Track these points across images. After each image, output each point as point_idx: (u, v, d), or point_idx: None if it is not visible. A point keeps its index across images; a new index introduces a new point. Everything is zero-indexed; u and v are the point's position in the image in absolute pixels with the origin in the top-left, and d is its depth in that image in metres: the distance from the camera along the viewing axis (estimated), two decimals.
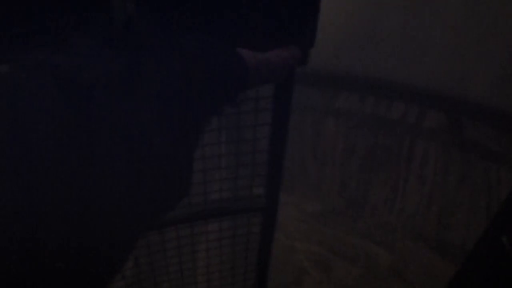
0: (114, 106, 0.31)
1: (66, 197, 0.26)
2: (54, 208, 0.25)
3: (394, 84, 2.47)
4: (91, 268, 0.28)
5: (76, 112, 0.27)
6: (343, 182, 2.19)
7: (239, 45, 0.57)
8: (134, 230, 0.34)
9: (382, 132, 2.32)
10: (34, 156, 0.25)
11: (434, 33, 2.29)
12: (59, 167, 0.26)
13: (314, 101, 2.48)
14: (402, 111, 2.42)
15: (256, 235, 1.12)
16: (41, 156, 0.25)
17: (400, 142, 2.29)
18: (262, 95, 0.76)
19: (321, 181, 2.22)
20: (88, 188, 0.27)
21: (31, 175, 0.25)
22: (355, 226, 1.98)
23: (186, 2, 0.59)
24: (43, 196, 0.25)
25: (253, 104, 0.77)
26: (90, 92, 0.29)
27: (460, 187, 2.02)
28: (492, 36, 2.14)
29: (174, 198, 0.40)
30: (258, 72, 0.51)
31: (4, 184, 0.23)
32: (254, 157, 0.90)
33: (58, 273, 0.26)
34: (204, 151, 0.84)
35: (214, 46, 0.47)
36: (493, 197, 1.92)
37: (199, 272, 1.26)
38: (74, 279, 0.27)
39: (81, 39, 0.38)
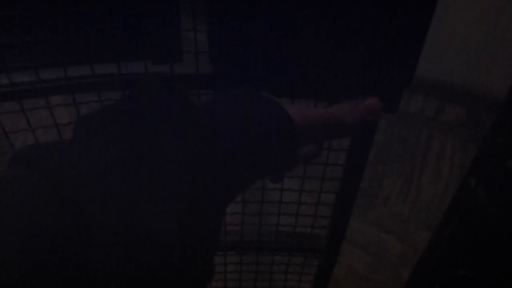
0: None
1: None
2: None
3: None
4: None
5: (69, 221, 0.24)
6: None
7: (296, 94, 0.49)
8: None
9: (399, 124, 2.33)
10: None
11: (455, 26, 2.27)
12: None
13: None
14: (421, 104, 2.40)
15: (310, 276, 1.02)
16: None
17: (417, 135, 2.29)
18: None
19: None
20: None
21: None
22: (367, 215, 1.97)
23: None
24: None
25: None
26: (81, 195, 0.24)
27: None
28: None
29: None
30: (315, 132, 0.42)
31: None
32: (319, 196, 0.80)
33: None
34: (265, 182, 0.76)
35: (250, 103, 0.39)
36: None
37: None
38: None
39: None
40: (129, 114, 0.30)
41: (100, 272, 0.23)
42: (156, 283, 0.26)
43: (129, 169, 0.27)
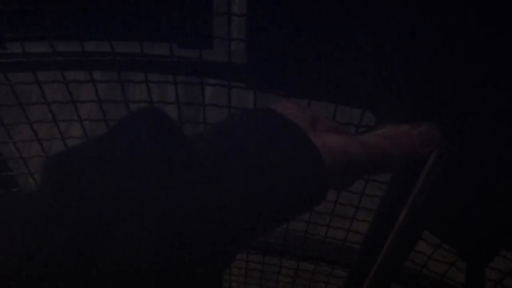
0: None
1: None
2: None
3: None
4: None
5: None
6: None
7: None
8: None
9: None
10: None
11: None
12: None
13: None
14: None
15: (336, 287, 0.95)
16: None
17: None
18: None
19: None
20: None
21: None
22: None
23: None
24: None
25: None
26: None
27: None
28: None
29: None
30: (349, 170, 0.32)
31: None
32: (356, 212, 0.71)
33: None
34: None
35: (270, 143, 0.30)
36: None
37: None
38: None
39: None
40: (110, 158, 0.24)
41: None
42: None
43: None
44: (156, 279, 0.21)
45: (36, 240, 0.20)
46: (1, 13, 0.46)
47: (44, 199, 0.22)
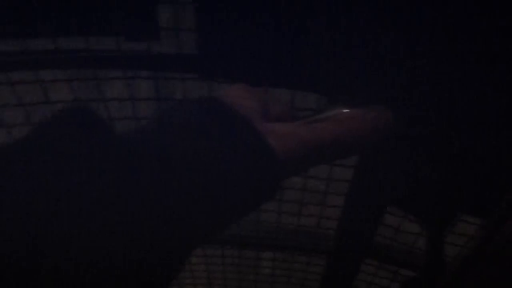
0: None
1: None
2: None
3: None
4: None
5: None
6: None
7: None
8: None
9: None
10: None
11: None
12: None
13: None
14: None
15: (317, 275, 0.95)
16: None
17: None
18: None
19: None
20: None
21: None
22: None
23: None
24: None
25: None
26: None
27: None
28: None
29: None
30: (304, 162, 0.31)
31: None
32: (325, 198, 0.71)
33: None
34: None
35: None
36: None
37: None
38: None
39: None
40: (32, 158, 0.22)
41: None
42: None
43: None
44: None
45: None
46: None
47: None
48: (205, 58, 0.48)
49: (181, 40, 0.48)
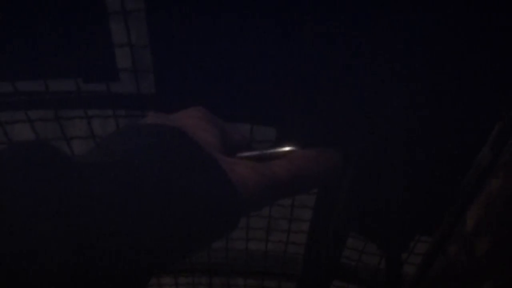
0: None
1: None
2: None
3: None
4: None
5: None
6: None
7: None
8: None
9: None
10: None
11: None
12: None
13: None
14: None
15: None
16: None
17: None
18: None
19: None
20: None
21: None
22: None
23: None
24: None
25: None
26: None
27: None
28: None
29: None
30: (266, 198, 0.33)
31: None
32: (290, 224, 0.73)
33: None
34: None
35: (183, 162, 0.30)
36: None
37: None
38: None
39: None
40: None
41: None
42: None
43: None
44: None
45: None
46: None
47: None
48: (161, 96, 0.51)
49: (139, 80, 0.50)
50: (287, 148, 0.38)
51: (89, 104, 0.50)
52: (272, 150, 0.41)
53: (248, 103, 0.52)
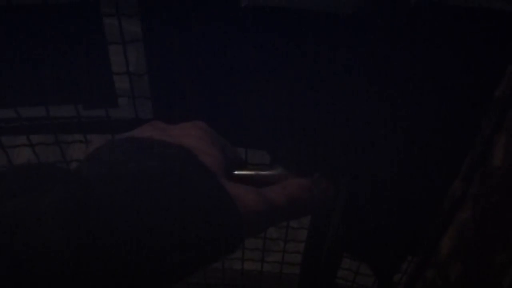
0: None
1: None
2: None
3: None
4: None
5: None
6: None
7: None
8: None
9: None
10: None
11: None
12: None
13: None
14: None
15: None
16: None
17: None
18: None
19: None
20: None
21: None
22: None
23: None
24: None
25: None
26: None
27: None
28: None
29: None
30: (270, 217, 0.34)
31: None
32: (285, 244, 0.74)
33: None
34: None
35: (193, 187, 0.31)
36: None
37: None
38: None
39: None
40: None
41: None
42: None
43: None
44: None
45: None
46: None
47: None
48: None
49: (137, 106, 0.51)
50: (280, 171, 0.40)
51: (89, 129, 0.52)
52: (267, 172, 0.42)
53: (245, 128, 0.53)
